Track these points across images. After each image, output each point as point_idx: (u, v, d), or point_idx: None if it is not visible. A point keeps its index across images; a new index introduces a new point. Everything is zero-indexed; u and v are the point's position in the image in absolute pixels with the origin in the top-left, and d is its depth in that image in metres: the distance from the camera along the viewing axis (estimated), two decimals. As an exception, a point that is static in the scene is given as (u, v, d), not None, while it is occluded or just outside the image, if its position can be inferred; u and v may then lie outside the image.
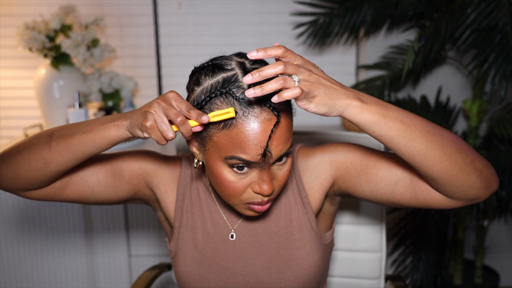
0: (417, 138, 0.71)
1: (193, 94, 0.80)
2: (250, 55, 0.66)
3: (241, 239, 0.93)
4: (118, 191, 0.92)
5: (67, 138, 0.79)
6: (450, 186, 0.75)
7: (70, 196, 0.90)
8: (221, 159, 0.78)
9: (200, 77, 0.79)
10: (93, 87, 1.98)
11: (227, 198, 0.83)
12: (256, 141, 0.74)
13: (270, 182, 0.78)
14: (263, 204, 0.82)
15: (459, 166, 0.73)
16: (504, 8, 1.63)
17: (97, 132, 0.77)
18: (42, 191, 0.87)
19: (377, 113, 0.70)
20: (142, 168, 0.94)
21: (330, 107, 0.69)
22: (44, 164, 0.80)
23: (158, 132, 0.72)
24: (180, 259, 0.94)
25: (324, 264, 0.96)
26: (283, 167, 0.81)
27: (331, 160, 0.91)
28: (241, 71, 0.77)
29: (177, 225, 0.95)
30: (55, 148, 0.79)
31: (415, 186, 0.82)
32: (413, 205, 0.84)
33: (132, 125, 0.74)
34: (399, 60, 2.07)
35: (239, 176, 0.79)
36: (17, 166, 0.82)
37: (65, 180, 0.88)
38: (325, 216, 0.98)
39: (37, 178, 0.83)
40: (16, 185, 0.85)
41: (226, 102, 0.74)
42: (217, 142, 0.76)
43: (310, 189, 0.93)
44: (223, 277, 0.93)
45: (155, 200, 0.98)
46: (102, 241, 1.83)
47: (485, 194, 0.77)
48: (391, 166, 0.84)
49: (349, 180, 0.89)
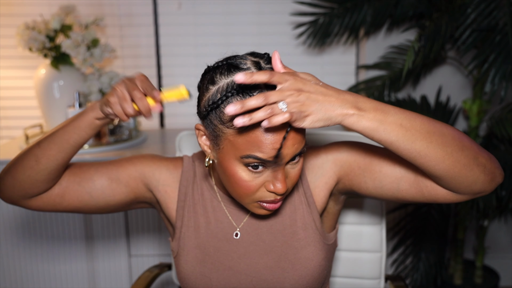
0: (417, 141, 0.72)
1: (207, 93, 0.80)
2: (237, 78, 0.67)
3: (245, 238, 0.94)
4: (116, 194, 0.94)
5: (52, 133, 0.86)
6: (454, 182, 0.76)
7: (70, 204, 0.93)
8: (236, 158, 0.78)
9: (215, 76, 0.79)
10: (93, 87, 1.98)
11: (239, 197, 0.83)
12: (272, 140, 0.75)
13: (284, 181, 0.79)
14: (276, 202, 0.83)
15: (462, 163, 0.73)
16: (504, 8, 1.63)
17: (76, 119, 0.85)
18: (43, 198, 0.91)
19: (375, 120, 0.70)
20: (138, 170, 0.95)
21: (326, 121, 0.70)
22: (36, 161, 0.86)
23: (119, 107, 0.78)
24: (183, 258, 0.94)
25: (328, 264, 0.96)
26: (296, 166, 0.82)
27: (335, 158, 0.91)
28: (257, 71, 0.77)
29: (179, 224, 0.96)
30: (43, 144, 0.86)
31: (419, 182, 0.82)
32: (419, 200, 0.85)
33: (101, 103, 0.81)
34: (399, 60, 2.07)
35: (253, 175, 0.79)
36: (14, 170, 0.88)
37: (63, 186, 0.92)
38: (329, 215, 0.98)
39: (31, 178, 0.87)
40: (17, 192, 0.89)
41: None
42: (233, 141, 0.77)
43: (314, 188, 0.94)
44: (226, 276, 0.93)
45: (156, 201, 0.98)
46: (102, 241, 1.83)
47: (490, 188, 0.77)
48: (395, 163, 0.85)
49: (354, 178, 0.89)
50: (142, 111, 0.77)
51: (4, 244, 1.80)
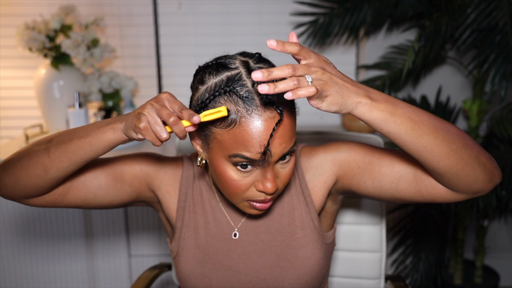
0: (424, 135, 0.72)
1: (197, 93, 0.80)
2: (269, 43, 0.65)
3: (244, 238, 0.94)
4: (120, 194, 0.92)
5: (65, 144, 0.80)
6: (456, 180, 0.76)
7: (72, 202, 0.90)
8: (224, 157, 0.78)
9: (204, 76, 0.80)
10: (93, 87, 1.98)
11: (229, 196, 0.84)
12: (259, 139, 0.75)
13: (273, 181, 0.79)
14: (266, 202, 0.83)
15: (464, 161, 0.74)
16: (504, 8, 1.63)
17: (94, 136, 0.78)
18: (45, 197, 0.88)
19: (386, 110, 0.70)
20: (143, 170, 0.94)
21: (341, 105, 0.69)
22: (44, 171, 0.81)
23: (152, 133, 0.72)
24: (182, 258, 0.94)
25: (326, 263, 0.97)
26: (286, 165, 0.82)
27: (334, 158, 0.92)
28: (245, 70, 0.77)
29: (179, 225, 0.96)
30: (53, 155, 0.80)
31: (418, 181, 0.83)
32: (417, 199, 0.85)
33: (127, 128, 0.75)
34: (399, 60, 2.07)
35: (242, 174, 0.79)
36: (18, 175, 0.82)
37: (67, 185, 0.88)
38: (327, 215, 0.99)
39: (37, 185, 0.83)
40: (18, 193, 0.85)
41: (230, 100, 0.75)
42: (221, 141, 0.77)
43: (313, 187, 0.94)
44: (225, 275, 0.93)
45: (157, 201, 0.98)
46: (102, 241, 1.83)
47: (489, 187, 0.78)
48: (394, 162, 0.85)
49: (352, 178, 0.90)
50: (178, 135, 0.72)
51: (4, 243, 1.80)
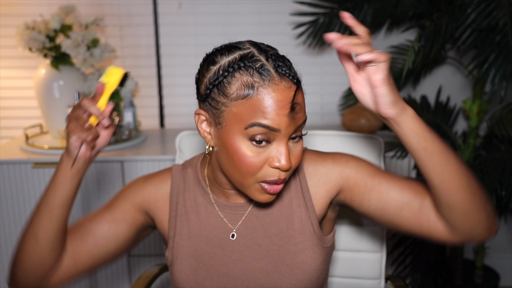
0: (451, 160, 0.74)
1: (208, 74, 0.81)
2: (343, 15, 0.74)
3: (241, 242, 0.92)
4: (119, 234, 0.93)
5: (37, 205, 0.87)
6: (463, 217, 0.78)
7: (85, 266, 0.93)
8: (240, 132, 0.78)
9: (216, 57, 0.82)
10: (93, 87, 1.98)
11: (243, 177, 0.82)
12: (277, 107, 0.76)
13: (288, 156, 0.79)
14: (278, 183, 0.82)
15: (477, 200, 0.77)
16: (504, 8, 1.63)
17: (53, 178, 0.86)
18: (59, 274, 0.91)
19: (424, 125, 0.73)
20: (128, 202, 0.95)
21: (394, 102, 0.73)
22: (35, 239, 0.86)
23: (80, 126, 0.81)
24: (176, 267, 0.94)
25: (326, 267, 0.96)
26: (297, 145, 0.83)
27: (342, 171, 0.91)
28: (257, 50, 0.80)
29: (172, 234, 0.95)
30: (33, 219, 0.87)
31: (422, 212, 0.84)
32: (414, 231, 0.86)
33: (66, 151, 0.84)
34: (399, 60, 2.07)
35: (257, 150, 0.79)
36: (19, 259, 0.89)
37: (69, 254, 0.92)
38: (327, 221, 0.98)
39: (38, 258, 0.87)
40: (32, 277, 0.89)
41: (246, 73, 0.77)
42: (237, 113, 0.77)
43: (315, 194, 0.93)
44: (221, 282, 0.92)
45: (152, 221, 0.99)
46: (102, 241, 1.83)
47: (486, 235, 0.81)
48: (404, 189, 0.86)
49: (357, 194, 0.90)
50: (98, 116, 0.81)
51: (3, 242, 1.80)
